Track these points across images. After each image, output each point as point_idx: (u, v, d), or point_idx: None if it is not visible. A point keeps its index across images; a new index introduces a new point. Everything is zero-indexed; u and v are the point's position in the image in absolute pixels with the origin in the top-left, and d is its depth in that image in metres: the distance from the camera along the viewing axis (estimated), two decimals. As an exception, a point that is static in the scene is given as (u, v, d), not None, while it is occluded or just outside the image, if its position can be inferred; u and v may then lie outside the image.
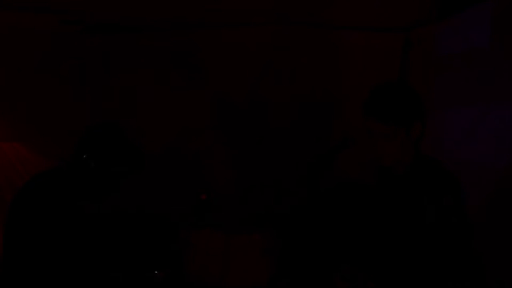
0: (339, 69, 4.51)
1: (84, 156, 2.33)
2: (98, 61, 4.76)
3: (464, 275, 1.95)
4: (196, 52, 4.66)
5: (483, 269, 1.99)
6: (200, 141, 4.67)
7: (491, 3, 3.31)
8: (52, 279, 2.19)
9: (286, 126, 4.58)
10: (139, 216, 4.17)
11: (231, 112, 4.65)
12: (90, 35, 4.76)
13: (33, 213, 2.21)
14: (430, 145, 3.91)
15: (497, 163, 3.18)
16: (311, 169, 2.05)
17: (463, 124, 3.56)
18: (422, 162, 2.13)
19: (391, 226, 2.09)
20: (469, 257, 1.98)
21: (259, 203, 4.52)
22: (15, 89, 4.62)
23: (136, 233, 3.92)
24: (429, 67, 4.04)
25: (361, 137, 2.18)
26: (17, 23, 4.46)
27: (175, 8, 4.09)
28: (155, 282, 2.57)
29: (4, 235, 2.30)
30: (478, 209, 3.27)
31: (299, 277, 4.12)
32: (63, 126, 4.60)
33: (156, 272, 2.63)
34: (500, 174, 3.16)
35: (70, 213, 2.29)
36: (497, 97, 3.26)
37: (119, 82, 4.74)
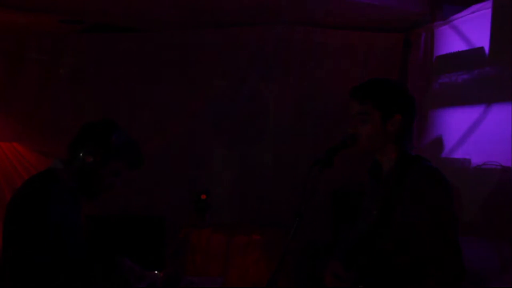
0: (339, 69, 4.51)
1: (81, 153, 2.32)
2: (97, 61, 4.76)
3: (446, 271, 1.96)
4: (196, 52, 4.66)
5: (463, 265, 1.99)
6: (200, 141, 4.67)
7: (491, 3, 3.31)
8: (51, 279, 2.19)
9: (285, 126, 4.58)
10: (139, 216, 4.17)
11: (231, 112, 4.65)
12: (90, 35, 4.76)
13: (31, 214, 2.20)
14: (429, 145, 3.92)
15: (497, 163, 3.18)
16: (311, 169, 2.05)
17: (462, 124, 3.56)
18: (410, 160, 2.13)
19: (378, 223, 2.09)
20: (453, 253, 1.99)
21: (259, 204, 4.52)
22: (15, 89, 4.62)
23: (136, 234, 3.92)
24: (429, 67, 4.04)
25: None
26: (17, 22, 4.46)
27: (175, 8, 4.09)
28: (155, 282, 2.57)
29: (3, 236, 2.30)
30: (476, 209, 3.27)
31: (298, 277, 4.13)
32: (62, 126, 4.60)
33: (156, 272, 2.63)
34: (499, 174, 3.16)
35: (70, 213, 2.29)
36: (497, 97, 3.27)
37: (118, 82, 4.74)
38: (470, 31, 3.62)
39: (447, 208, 2.03)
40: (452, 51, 3.79)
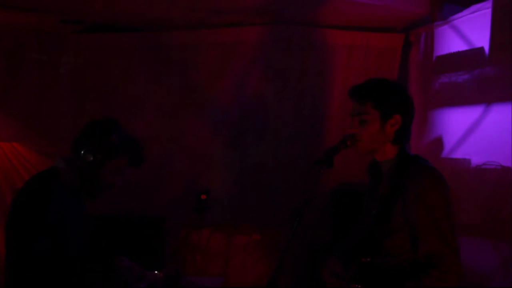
0: (339, 69, 4.51)
1: (82, 152, 2.32)
2: (97, 61, 4.76)
3: (444, 270, 1.97)
4: (196, 52, 4.66)
5: (460, 265, 2.00)
6: (200, 141, 4.67)
7: (491, 3, 3.31)
8: (54, 278, 2.19)
9: (285, 125, 4.57)
10: (139, 216, 4.17)
11: (231, 112, 4.65)
12: (90, 35, 4.76)
13: (31, 213, 2.21)
14: (429, 145, 3.92)
15: (497, 163, 3.18)
16: (311, 169, 2.05)
17: (462, 124, 3.56)
18: (409, 160, 2.13)
19: (377, 223, 2.10)
20: (451, 252, 1.99)
21: (259, 204, 4.52)
22: (15, 89, 4.62)
23: (136, 234, 3.92)
24: (429, 67, 4.05)
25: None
26: (18, 22, 4.46)
27: (175, 8, 4.09)
28: (155, 282, 2.57)
29: (6, 236, 2.30)
30: (476, 209, 3.27)
31: (298, 277, 4.13)
32: (62, 126, 4.60)
33: (156, 272, 2.63)
34: (499, 174, 3.16)
35: (70, 212, 2.29)
36: (497, 97, 3.27)
37: (118, 82, 4.74)
38: (470, 31, 3.62)
39: (445, 208, 2.03)
40: (452, 51, 3.79)
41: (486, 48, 3.38)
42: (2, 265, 2.31)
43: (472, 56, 3.53)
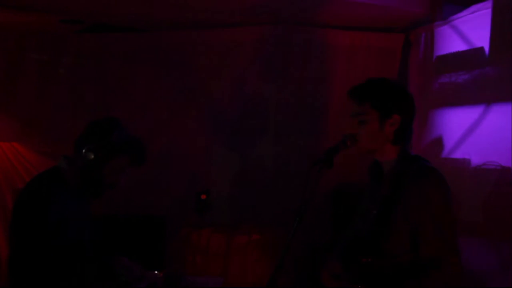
0: (339, 69, 4.51)
1: (83, 151, 2.33)
2: (97, 61, 4.76)
3: (444, 271, 1.97)
4: (196, 52, 4.66)
5: (461, 265, 2.00)
6: (200, 141, 4.67)
7: (491, 3, 3.31)
8: (54, 278, 2.19)
9: (285, 125, 4.57)
10: (139, 216, 4.17)
11: (231, 112, 4.65)
12: (90, 35, 4.76)
13: (31, 214, 2.21)
14: (429, 145, 3.92)
15: (496, 163, 3.18)
16: (311, 169, 2.05)
17: (462, 124, 3.56)
18: (409, 160, 2.13)
19: (377, 223, 2.10)
20: (452, 253, 1.99)
21: (259, 204, 4.51)
22: (15, 89, 4.62)
23: (136, 233, 3.92)
24: (429, 67, 4.04)
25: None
26: (18, 22, 4.46)
27: (175, 8, 4.09)
28: (155, 282, 2.58)
29: (10, 235, 2.31)
30: (476, 209, 3.27)
31: (298, 277, 4.13)
32: (62, 126, 4.61)
33: (156, 272, 2.63)
34: (499, 174, 3.16)
35: (71, 213, 2.30)
36: (497, 97, 3.27)
37: (118, 82, 4.74)
38: (470, 31, 3.62)
39: (446, 208, 2.03)
40: (452, 51, 3.79)
41: (486, 48, 3.38)
42: (4, 264, 2.31)
43: (472, 56, 3.53)
